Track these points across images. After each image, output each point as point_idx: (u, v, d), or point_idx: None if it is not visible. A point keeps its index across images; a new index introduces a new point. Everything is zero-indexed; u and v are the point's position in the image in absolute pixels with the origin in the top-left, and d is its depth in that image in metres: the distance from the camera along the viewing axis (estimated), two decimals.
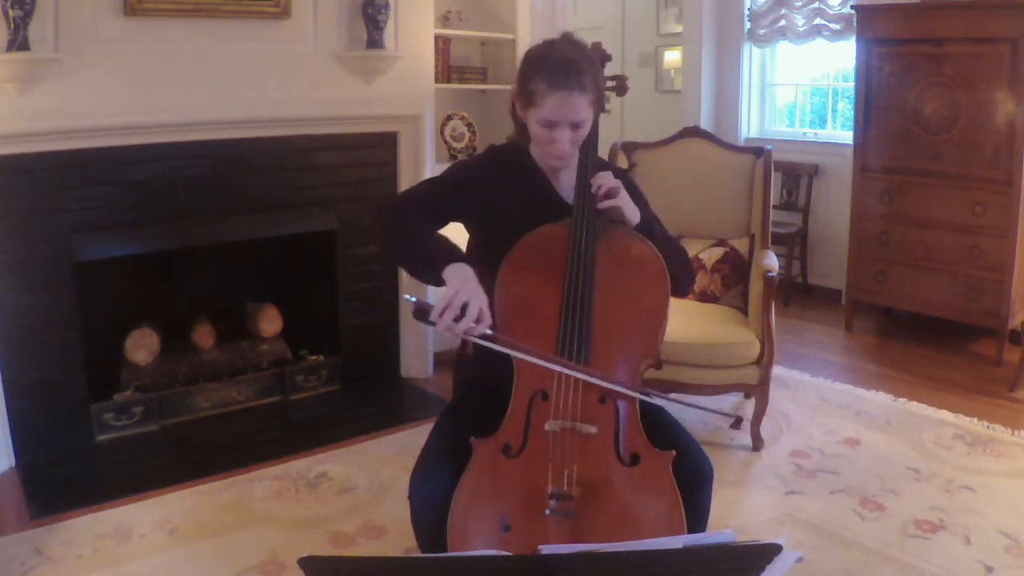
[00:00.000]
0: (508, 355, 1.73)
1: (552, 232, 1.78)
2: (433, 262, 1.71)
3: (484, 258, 1.87)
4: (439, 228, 1.91)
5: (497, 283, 1.75)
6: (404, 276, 3.77)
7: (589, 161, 1.84)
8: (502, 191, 1.91)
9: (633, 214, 1.81)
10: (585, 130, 1.81)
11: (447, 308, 1.59)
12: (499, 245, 1.79)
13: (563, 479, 1.60)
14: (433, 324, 1.61)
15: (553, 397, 1.66)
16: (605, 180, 1.78)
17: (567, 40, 1.83)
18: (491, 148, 2.03)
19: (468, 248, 2.03)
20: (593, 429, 1.65)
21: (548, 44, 1.83)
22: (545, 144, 1.82)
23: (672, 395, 1.95)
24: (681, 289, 1.94)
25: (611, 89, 1.98)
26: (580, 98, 1.75)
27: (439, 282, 1.69)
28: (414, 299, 1.61)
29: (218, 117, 3.32)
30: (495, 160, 1.98)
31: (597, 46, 1.93)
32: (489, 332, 1.64)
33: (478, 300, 1.62)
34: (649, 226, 1.86)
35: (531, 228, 1.79)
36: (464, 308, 1.60)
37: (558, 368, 1.66)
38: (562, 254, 1.75)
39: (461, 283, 1.64)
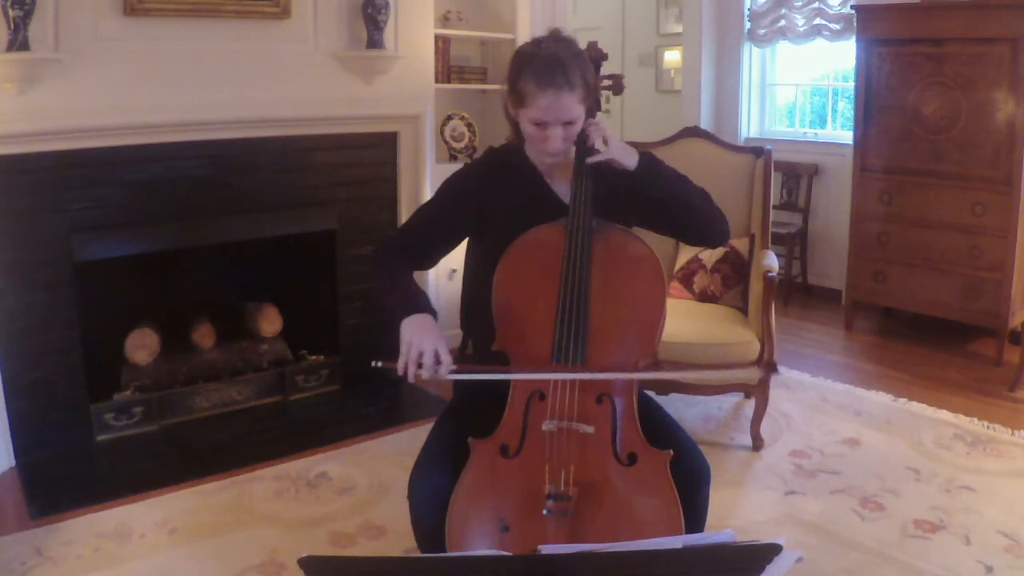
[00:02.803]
0: (507, 356, 1.74)
1: (548, 232, 1.78)
2: (393, 312, 1.75)
3: (483, 261, 1.87)
4: (448, 247, 1.95)
5: (493, 284, 1.76)
6: None
7: (585, 162, 1.81)
8: (498, 192, 1.91)
9: (629, 159, 1.79)
10: (577, 126, 1.81)
11: (406, 362, 1.65)
12: (496, 246, 1.79)
13: (560, 479, 1.60)
14: (405, 377, 1.65)
15: (550, 397, 1.66)
16: (593, 134, 1.79)
17: (555, 38, 1.83)
18: (488, 150, 2.04)
19: (467, 252, 2.03)
20: (590, 429, 1.65)
21: (535, 43, 1.83)
22: (538, 142, 1.82)
23: (680, 376, 1.94)
24: (716, 233, 1.88)
25: (607, 88, 1.98)
26: (569, 96, 1.74)
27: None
28: (380, 364, 1.67)
29: (218, 117, 3.32)
30: (491, 162, 1.98)
31: (593, 45, 1.92)
32: (454, 368, 1.67)
33: (430, 346, 1.65)
34: (653, 167, 1.83)
35: (527, 228, 1.79)
36: (422, 356, 1.64)
37: (541, 376, 1.68)
38: (558, 254, 1.74)
39: (412, 334, 1.68)
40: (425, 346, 1.65)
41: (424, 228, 1.94)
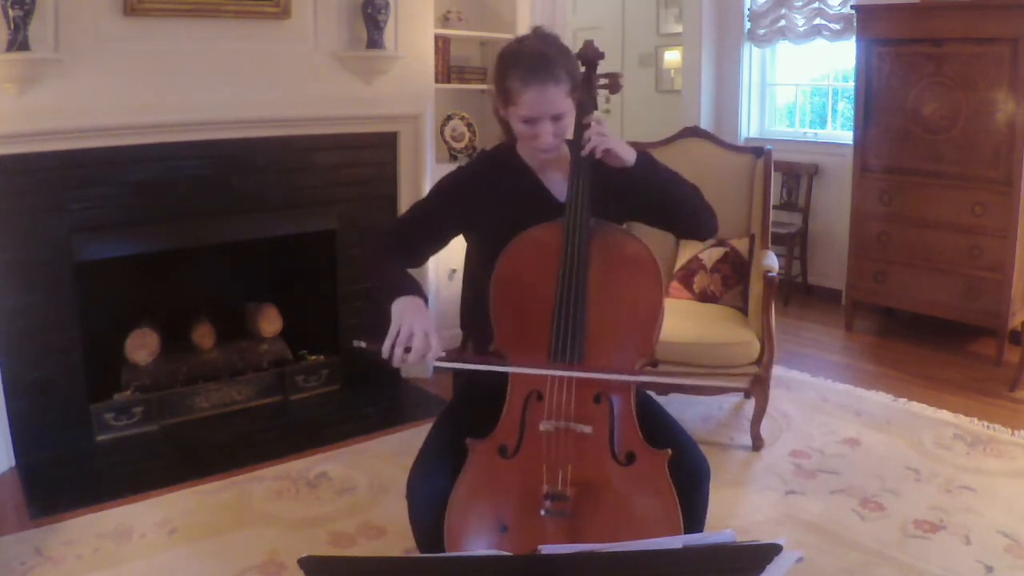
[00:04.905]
0: (505, 356, 1.74)
1: (545, 232, 1.78)
2: (384, 295, 1.73)
3: (481, 261, 1.87)
4: (437, 246, 1.94)
5: (491, 284, 1.76)
6: None
7: (582, 153, 1.79)
8: (492, 193, 1.91)
9: (628, 154, 1.78)
10: (567, 121, 1.81)
11: (394, 343, 1.62)
12: (493, 246, 1.79)
13: (558, 479, 1.60)
14: (389, 360, 1.62)
15: (547, 397, 1.66)
16: (593, 135, 1.76)
17: (537, 34, 1.84)
18: (481, 152, 2.04)
19: (466, 253, 2.03)
20: (588, 429, 1.64)
21: (518, 42, 1.84)
22: (529, 140, 1.82)
23: (677, 380, 1.94)
24: (707, 228, 1.92)
25: (604, 87, 1.97)
26: (555, 90, 1.74)
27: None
28: (363, 344, 1.65)
29: (218, 117, 3.32)
30: (484, 163, 1.99)
31: (589, 44, 1.93)
32: (442, 355, 1.64)
33: (421, 328, 1.63)
34: (650, 165, 1.84)
35: (523, 228, 1.78)
36: (411, 339, 1.61)
37: (530, 371, 1.67)
38: (555, 254, 1.74)
39: (402, 314, 1.66)
40: (416, 328, 1.62)
41: (414, 227, 1.93)
